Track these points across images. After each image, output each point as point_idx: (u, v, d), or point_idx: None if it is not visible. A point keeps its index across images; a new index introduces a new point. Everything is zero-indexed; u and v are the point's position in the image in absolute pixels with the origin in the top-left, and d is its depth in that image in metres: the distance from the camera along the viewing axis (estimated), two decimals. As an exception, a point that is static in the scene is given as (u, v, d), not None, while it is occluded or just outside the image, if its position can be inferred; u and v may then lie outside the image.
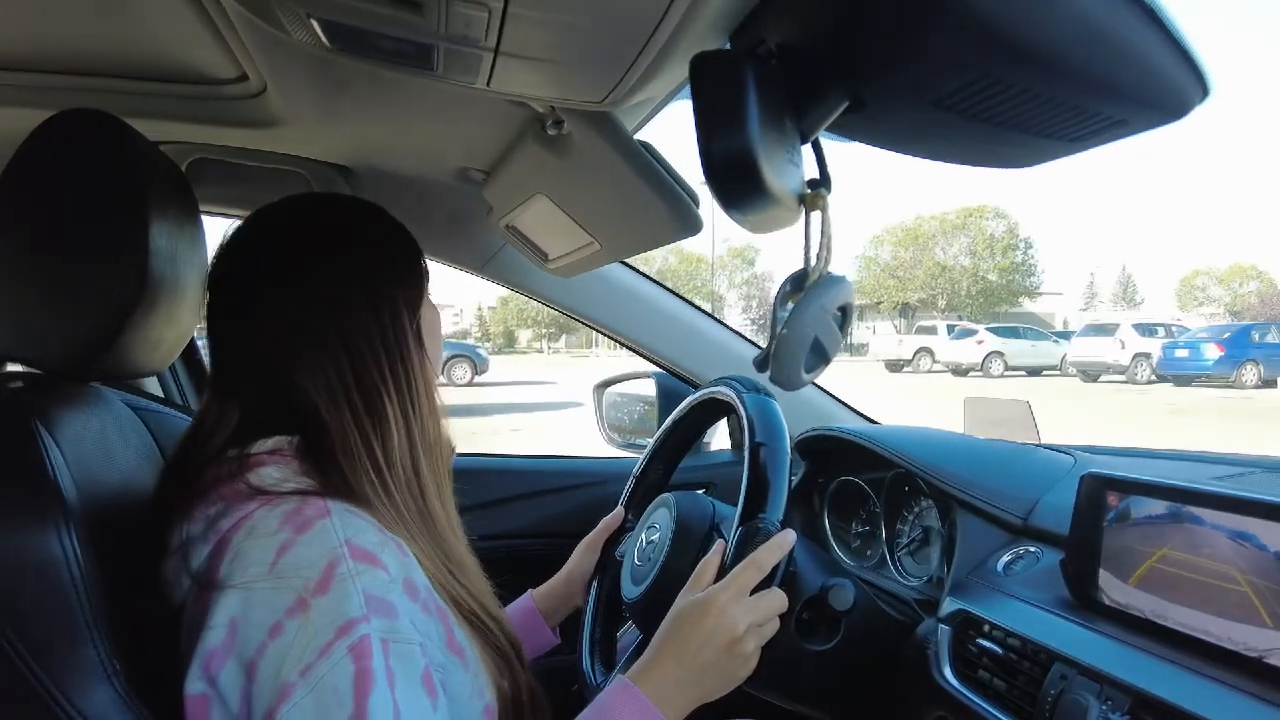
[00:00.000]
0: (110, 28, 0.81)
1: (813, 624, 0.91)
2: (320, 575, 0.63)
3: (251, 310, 0.77)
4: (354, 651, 0.61)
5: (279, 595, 0.63)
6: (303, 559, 0.64)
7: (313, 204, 0.83)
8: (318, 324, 0.75)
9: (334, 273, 0.76)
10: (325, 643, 0.61)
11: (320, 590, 0.62)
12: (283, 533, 0.65)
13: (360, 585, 0.63)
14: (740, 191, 0.49)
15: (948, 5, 0.43)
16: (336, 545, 0.65)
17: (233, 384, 0.78)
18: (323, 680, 0.60)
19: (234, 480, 0.70)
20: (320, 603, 0.62)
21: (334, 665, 0.60)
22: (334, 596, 0.62)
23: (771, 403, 0.94)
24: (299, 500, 0.68)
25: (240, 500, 0.69)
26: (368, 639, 0.61)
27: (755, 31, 0.55)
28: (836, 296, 0.59)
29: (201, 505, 0.70)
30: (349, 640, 0.61)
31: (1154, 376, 17.41)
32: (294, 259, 0.76)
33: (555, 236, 1.21)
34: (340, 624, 0.61)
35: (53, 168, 0.73)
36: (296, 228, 0.79)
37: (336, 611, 0.62)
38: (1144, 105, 0.52)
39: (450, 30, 0.57)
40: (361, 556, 0.65)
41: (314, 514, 0.67)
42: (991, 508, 1.04)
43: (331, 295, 0.75)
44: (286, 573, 0.64)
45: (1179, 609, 0.74)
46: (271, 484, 0.70)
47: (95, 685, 0.63)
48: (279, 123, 1.06)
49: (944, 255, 39.48)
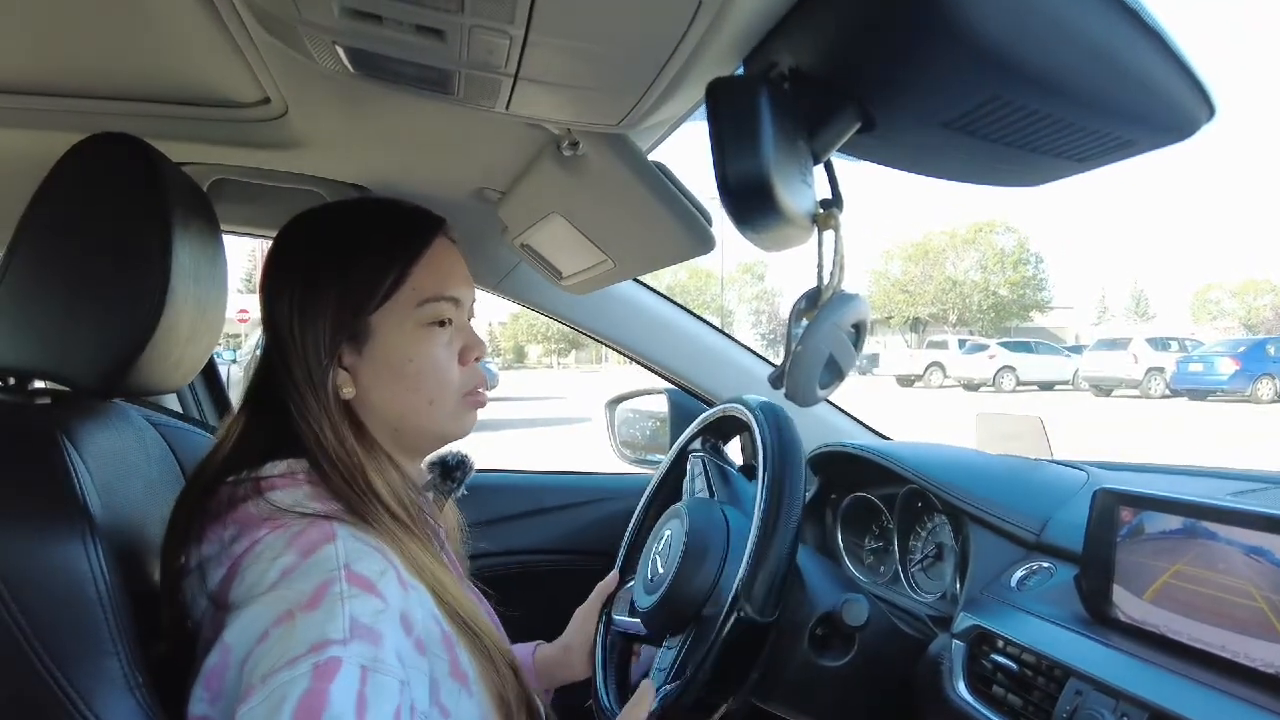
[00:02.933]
0: (140, 54, 0.83)
1: (827, 640, 0.92)
2: (312, 593, 0.63)
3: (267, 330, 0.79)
4: (318, 670, 0.59)
5: (272, 608, 0.63)
6: (301, 579, 0.65)
7: (314, 217, 0.83)
8: (299, 346, 0.76)
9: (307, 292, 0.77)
10: (295, 655, 0.60)
11: (309, 606, 0.63)
12: (287, 555, 0.66)
13: (349, 609, 0.63)
14: (755, 212, 0.50)
15: (956, 31, 0.44)
16: (334, 568, 0.65)
17: (253, 405, 0.80)
18: (276, 689, 0.59)
19: (246, 503, 0.71)
20: (305, 616, 0.62)
21: (293, 678, 0.59)
22: (320, 614, 0.62)
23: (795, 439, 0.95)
24: (307, 524, 0.69)
25: (252, 524, 0.70)
26: (338, 661, 0.60)
27: (768, 55, 0.56)
28: (850, 314, 0.59)
29: (216, 527, 0.71)
30: (317, 658, 0.60)
31: (1168, 391, 17.26)
32: (289, 279, 0.78)
33: (569, 254, 1.23)
34: (315, 641, 0.61)
35: (81, 190, 0.75)
36: (287, 246, 0.81)
37: (318, 629, 0.61)
38: (1151, 126, 0.52)
39: (472, 57, 0.59)
40: (357, 581, 0.65)
41: (319, 538, 0.68)
42: (1004, 523, 1.04)
43: (303, 309, 0.76)
44: (283, 590, 0.64)
45: (1194, 625, 0.74)
46: (282, 508, 0.70)
47: (119, 697, 0.64)
48: (300, 144, 1.08)
49: (954, 270, 39.36)
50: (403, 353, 0.78)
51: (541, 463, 1.37)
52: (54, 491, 0.67)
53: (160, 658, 0.70)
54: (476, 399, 0.84)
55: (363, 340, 0.77)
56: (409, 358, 0.78)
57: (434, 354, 0.79)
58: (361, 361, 0.78)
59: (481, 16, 0.53)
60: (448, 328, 0.81)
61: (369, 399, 0.78)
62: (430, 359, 0.79)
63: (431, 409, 0.80)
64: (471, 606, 0.78)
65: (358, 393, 0.78)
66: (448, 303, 0.80)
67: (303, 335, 0.76)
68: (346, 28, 0.57)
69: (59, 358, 0.75)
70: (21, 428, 0.71)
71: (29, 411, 0.75)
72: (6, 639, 0.61)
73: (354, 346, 0.77)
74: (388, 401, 0.79)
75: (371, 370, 0.78)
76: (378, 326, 0.77)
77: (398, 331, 0.78)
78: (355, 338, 0.77)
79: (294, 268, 0.78)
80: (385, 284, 0.77)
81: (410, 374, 0.78)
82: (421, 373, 0.79)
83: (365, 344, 0.78)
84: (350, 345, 0.77)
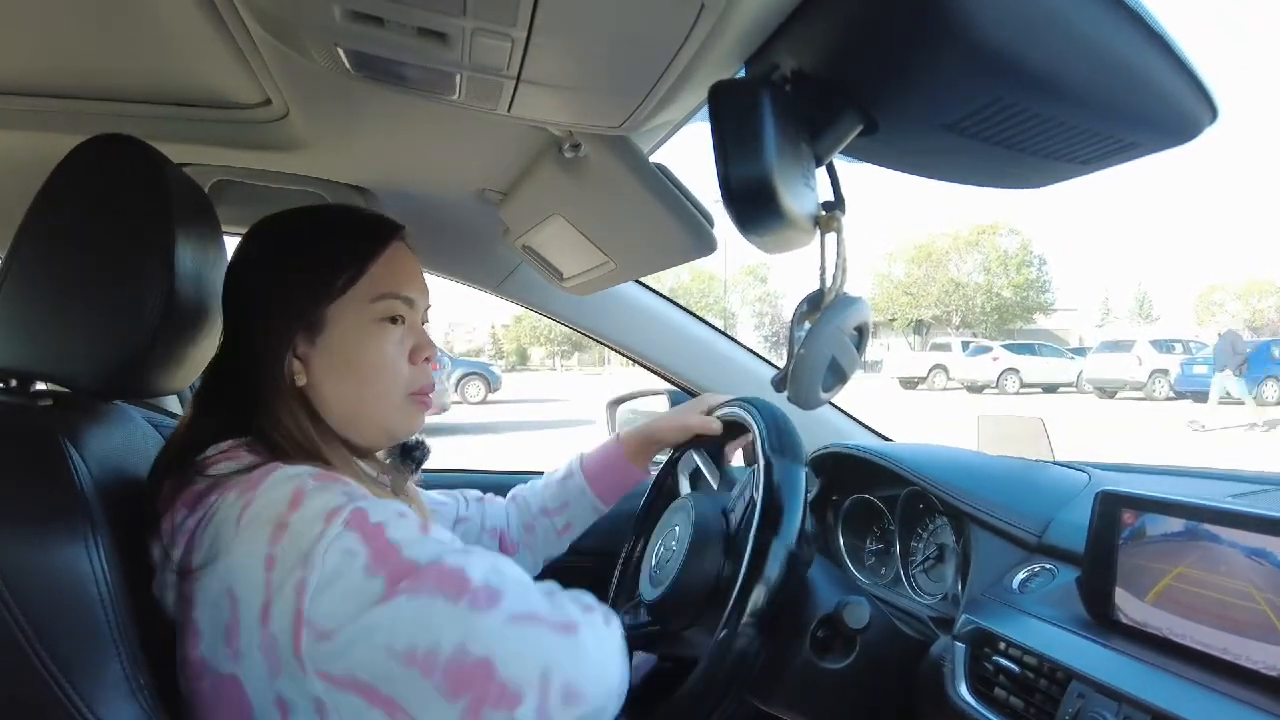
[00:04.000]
0: (141, 56, 0.84)
1: (828, 642, 0.91)
2: (289, 499, 0.65)
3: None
4: (350, 522, 0.63)
5: (256, 538, 0.64)
6: (265, 502, 0.66)
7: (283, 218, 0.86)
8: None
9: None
10: (317, 532, 0.63)
11: (292, 508, 0.65)
12: (241, 499, 0.67)
13: (333, 490, 0.66)
14: (758, 215, 0.50)
15: (958, 33, 0.44)
16: (295, 475, 0.68)
17: (203, 400, 0.82)
18: (328, 550, 0.62)
19: (192, 485, 0.72)
20: (296, 515, 0.64)
21: (334, 537, 0.62)
22: (309, 505, 0.65)
23: (792, 430, 0.95)
24: (249, 472, 0.70)
25: (200, 498, 0.70)
26: (361, 511, 0.64)
27: (770, 58, 0.56)
28: (853, 316, 0.59)
29: (168, 517, 0.72)
30: (341, 518, 0.64)
31: (1172, 393, 17.21)
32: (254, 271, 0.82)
33: (571, 256, 1.23)
34: (324, 513, 0.64)
35: (83, 192, 0.75)
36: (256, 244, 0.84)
37: (316, 513, 0.64)
38: (1154, 128, 0.52)
39: (474, 60, 0.59)
40: (322, 479, 0.68)
41: (264, 473, 0.69)
42: (1006, 525, 1.04)
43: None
44: (254, 520, 0.65)
45: (1197, 627, 0.74)
46: (225, 475, 0.71)
47: (122, 700, 0.64)
48: (300, 145, 1.08)
49: (958, 272, 39.36)
50: (355, 344, 0.81)
51: (543, 465, 1.37)
52: (56, 493, 0.67)
53: (159, 657, 0.70)
54: (424, 399, 0.86)
55: (317, 330, 0.80)
56: (361, 350, 0.81)
57: (385, 349, 0.82)
58: (315, 351, 0.80)
59: (484, 19, 0.53)
60: (400, 325, 0.83)
61: (321, 390, 0.81)
62: (380, 353, 0.82)
63: (379, 403, 0.82)
64: None
65: (310, 381, 0.80)
66: (401, 301, 0.83)
67: (261, 322, 0.79)
68: (348, 30, 0.58)
69: (61, 359, 0.75)
70: (23, 429, 0.71)
71: (31, 413, 0.75)
72: (8, 640, 0.61)
73: (308, 336, 0.80)
74: (338, 393, 0.81)
75: (324, 361, 0.80)
76: (333, 318, 0.80)
77: (352, 324, 0.81)
78: (311, 327, 0.80)
79: (258, 258, 0.82)
80: (343, 277, 0.80)
81: (360, 366, 0.81)
82: (371, 365, 0.81)
83: (320, 334, 0.80)
84: (305, 335, 0.80)
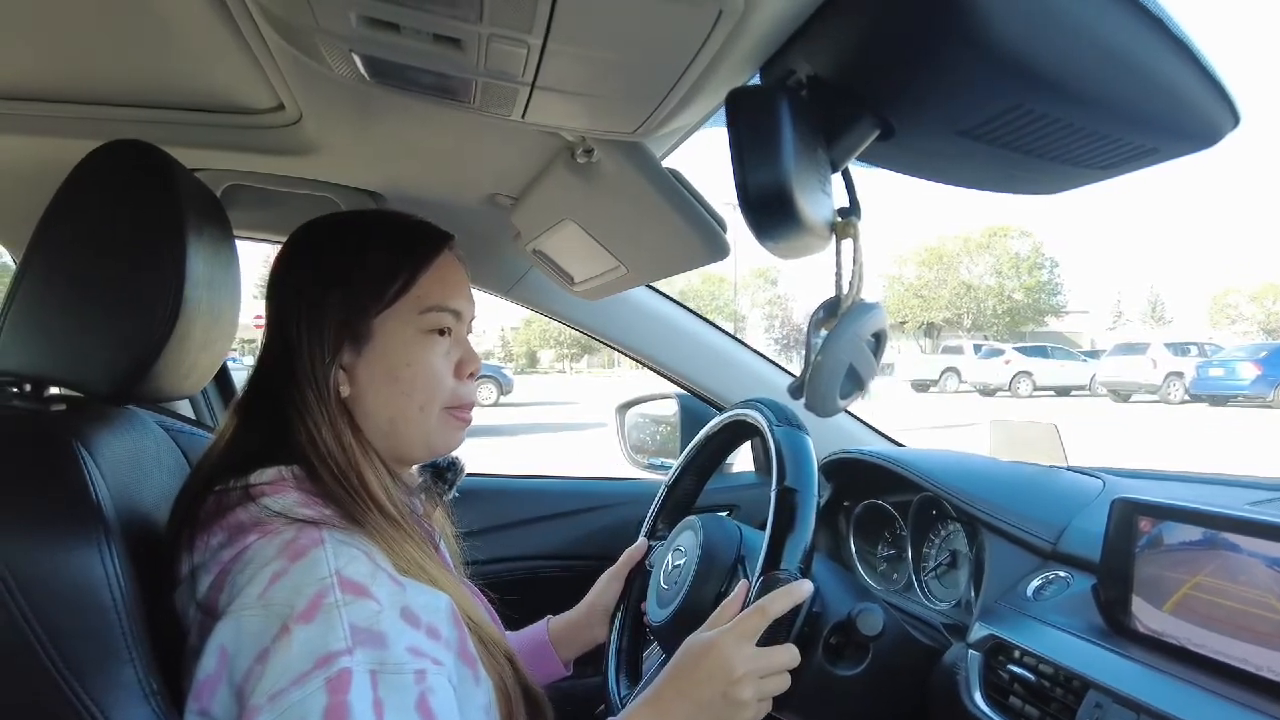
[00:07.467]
0: (155, 61, 0.84)
1: (841, 649, 0.91)
2: (307, 604, 0.63)
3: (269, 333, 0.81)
4: (331, 685, 0.60)
5: (267, 622, 0.63)
6: (291, 587, 0.64)
7: (325, 225, 0.84)
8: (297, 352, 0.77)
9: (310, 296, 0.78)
10: (301, 671, 0.60)
11: (304, 618, 0.62)
12: (277, 562, 0.66)
13: (347, 616, 0.63)
14: (775, 222, 0.50)
15: (976, 38, 0.44)
16: (326, 575, 0.65)
17: (245, 409, 0.81)
18: (290, 709, 0.59)
19: (235, 510, 0.71)
20: (302, 630, 0.62)
21: (306, 695, 0.59)
22: (318, 625, 0.62)
23: (805, 441, 0.93)
24: (295, 530, 0.69)
25: (240, 531, 0.70)
26: (348, 673, 0.60)
27: (786, 63, 0.56)
28: (870, 323, 0.59)
29: (204, 535, 0.71)
30: (327, 672, 0.60)
31: (1187, 396, 17.07)
32: (298, 278, 0.80)
33: (582, 261, 1.22)
34: (320, 655, 0.61)
35: (97, 197, 0.75)
36: (298, 250, 0.82)
37: (318, 642, 0.61)
38: (1174, 134, 0.52)
39: (489, 66, 0.58)
40: (350, 588, 0.65)
41: (308, 543, 0.67)
42: (1020, 531, 1.03)
43: (302, 315, 0.78)
44: (275, 600, 0.64)
45: (1216, 636, 0.73)
46: (270, 515, 0.70)
47: (134, 705, 0.64)
48: (313, 150, 1.08)
49: (969, 274, 39.25)
50: (401, 357, 0.79)
51: (552, 468, 1.37)
52: (69, 497, 0.67)
53: (172, 663, 0.70)
54: (463, 416, 0.85)
55: (363, 341, 0.79)
56: (407, 362, 0.79)
57: (431, 361, 0.81)
58: (360, 362, 0.79)
59: (500, 25, 0.53)
60: (446, 338, 0.82)
61: (364, 400, 0.79)
62: (427, 365, 0.80)
63: (422, 415, 0.81)
64: (468, 601, 0.78)
65: (353, 393, 0.79)
66: (449, 314, 0.82)
67: (308, 332, 0.77)
68: (364, 36, 0.57)
69: (74, 364, 0.75)
70: (37, 434, 0.71)
71: (44, 418, 0.75)
72: (21, 644, 0.61)
73: (354, 347, 0.79)
74: (381, 404, 0.80)
75: (368, 372, 0.79)
76: (379, 329, 0.79)
77: (398, 336, 0.79)
78: (356, 339, 0.78)
79: (304, 266, 0.80)
80: (393, 288, 0.79)
81: (406, 378, 0.79)
82: (417, 378, 0.80)
83: (365, 345, 0.79)
84: (350, 346, 0.78)
